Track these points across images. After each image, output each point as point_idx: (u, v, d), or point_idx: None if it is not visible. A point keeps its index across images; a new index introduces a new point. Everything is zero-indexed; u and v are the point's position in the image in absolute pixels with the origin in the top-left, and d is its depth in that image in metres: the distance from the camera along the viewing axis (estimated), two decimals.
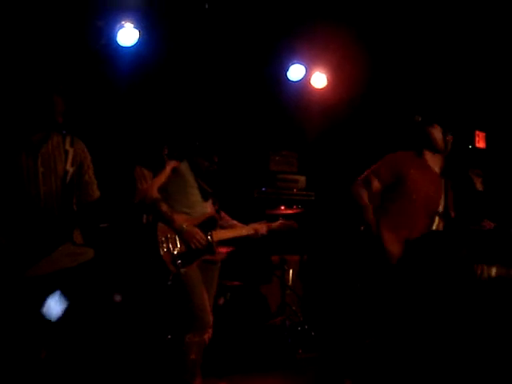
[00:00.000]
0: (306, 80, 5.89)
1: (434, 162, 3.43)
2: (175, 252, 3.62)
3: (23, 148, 2.98)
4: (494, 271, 3.40)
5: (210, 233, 3.77)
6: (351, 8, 5.19)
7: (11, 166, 2.94)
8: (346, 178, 3.65)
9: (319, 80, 5.93)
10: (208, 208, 3.87)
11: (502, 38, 5.11)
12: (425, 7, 5.05)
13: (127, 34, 4.78)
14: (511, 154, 5.06)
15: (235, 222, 4.15)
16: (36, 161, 2.99)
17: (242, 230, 4.03)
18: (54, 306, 2.76)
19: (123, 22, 4.73)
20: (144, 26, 4.83)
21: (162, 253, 3.58)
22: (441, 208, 3.38)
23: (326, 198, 6.22)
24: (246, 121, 5.94)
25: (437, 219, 3.37)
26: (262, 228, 4.05)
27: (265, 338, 4.97)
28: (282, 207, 5.33)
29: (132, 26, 4.76)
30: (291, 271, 5.57)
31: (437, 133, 3.37)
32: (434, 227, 3.36)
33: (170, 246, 3.62)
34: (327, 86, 5.94)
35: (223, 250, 4.70)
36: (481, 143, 5.06)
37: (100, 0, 4.70)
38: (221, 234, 3.87)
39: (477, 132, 5.06)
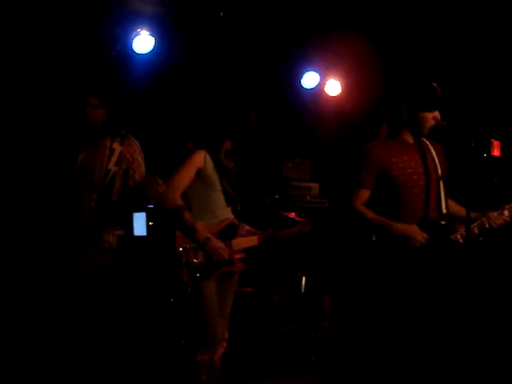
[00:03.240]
0: (319, 87, 5.90)
1: (408, 136, 3.32)
2: (194, 264, 3.35)
3: (64, 152, 3.04)
4: None
5: (229, 242, 3.51)
6: (365, 16, 5.20)
7: (52, 171, 3.01)
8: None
9: (333, 87, 5.94)
10: (230, 213, 3.57)
11: None
12: (440, 14, 5.05)
13: (143, 41, 4.81)
14: None
15: (249, 227, 3.83)
16: (75, 166, 3.06)
17: (254, 239, 3.71)
18: (140, 224, 2.80)
19: (139, 30, 4.76)
20: (159, 33, 4.86)
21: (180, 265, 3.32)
22: (439, 172, 3.28)
23: (340, 205, 6.19)
24: (260, 128, 5.95)
25: (441, 185, 3.26)
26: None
27: (277, 344, 4.97)
28: (293, 214, 5.31)
29: (147, 33, 4.79)
30: (304, 278, 5.55)
31: (431, 119, 3.24)
32: (441, 191, 3.25)
33: (189, 257, 3.35)
34: (341, 93, 5.95)
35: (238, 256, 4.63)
36: (496, 152, 5.04)
37: (116, 7, 4.74)
38: (240, 244, 3.59)
39: (492, 140, 5.04)
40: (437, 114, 3.26)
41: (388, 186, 3.23)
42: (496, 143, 4.98)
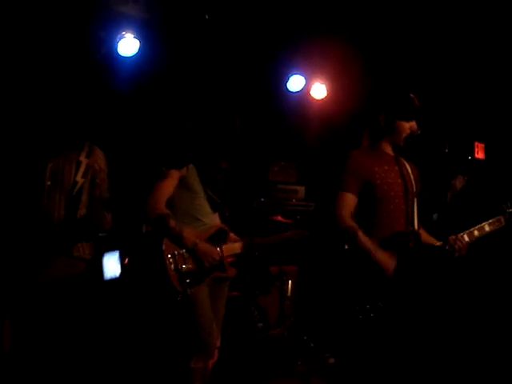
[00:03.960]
0: (305, 91, 5.90)
1: (388, 147, 3.32)
2: (183, 270, 3.28)
3: (34, 162, 3.03)
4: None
5: (219, 247, 3.45)
6: (350, 19, 5.21)
7: (22, 180, 3.00)
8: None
9: (319, 91, 5.95)
10: (217, 220, 3.53)
11: (501, 51, 5.13)
12: (423, 16, 5.08)
13: (128, 44, 4.79)
14: (511, 165, 5.07)
15: (233, 234, 3.74)
16: (44, 174, 3.05)
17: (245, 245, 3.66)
18: (112, 265, 2.79)
19: (124, 32, 4.74)
20: (144, 36, 4.84)
21: (169, 272, 3.24)
22: (414, 189, 3.27)
23: (326, 208, 6.20)
24: (246, 131, 5.95)
25: (415, 201, 3.25)
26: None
27: (263, 349, 4.96)
28: (279, 217, 5.31)
29: (132, 36, 4.77)
30: (290, 282, 5.55)
31: (407, 128, 3.23)
32: (415, 208, 3.24)
33: (178, 263, 3.28)
34: (327, 96, 5.96)
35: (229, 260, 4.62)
36: (480, 154, 5.06)
37: (101, 10, 4.72)
38: (231, 249, 3.54)
39: (476, 143, 5.06)
40: (414, 124, 3.25)
41: (370, 195, 3.20)
42: (480, 146, 4.99)
